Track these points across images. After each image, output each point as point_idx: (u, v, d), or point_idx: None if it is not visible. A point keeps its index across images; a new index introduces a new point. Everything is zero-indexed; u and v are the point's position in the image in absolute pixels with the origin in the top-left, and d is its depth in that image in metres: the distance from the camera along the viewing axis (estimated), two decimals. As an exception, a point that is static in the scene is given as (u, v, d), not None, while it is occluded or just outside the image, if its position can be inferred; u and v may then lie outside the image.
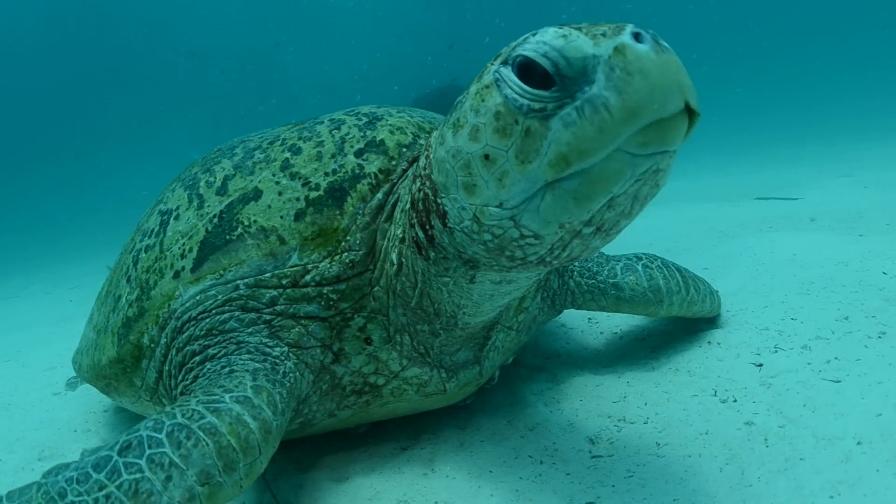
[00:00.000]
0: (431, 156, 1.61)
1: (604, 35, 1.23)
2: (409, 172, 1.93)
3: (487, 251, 1.55)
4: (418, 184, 1.74)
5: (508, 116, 1.32)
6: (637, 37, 1.21)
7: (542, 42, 1.27)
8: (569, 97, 1.25)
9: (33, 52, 28.41)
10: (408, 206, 1.82)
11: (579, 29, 1.26)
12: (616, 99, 1.19)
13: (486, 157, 1.38)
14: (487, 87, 1.38)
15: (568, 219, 1.36)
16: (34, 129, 27.62)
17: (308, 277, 1.92)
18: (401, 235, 1.85)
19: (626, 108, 1.18)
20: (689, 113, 1.22)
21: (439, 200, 1.60)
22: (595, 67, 1.22)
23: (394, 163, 2.03)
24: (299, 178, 2.03)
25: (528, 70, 1.29)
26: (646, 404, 2.32)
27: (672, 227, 5.34)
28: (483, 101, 1.38)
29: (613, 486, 1.89)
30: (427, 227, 1.71)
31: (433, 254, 1.75)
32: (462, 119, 1.44)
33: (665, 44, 1.23)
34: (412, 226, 1.79)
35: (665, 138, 1.22)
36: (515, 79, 1.31)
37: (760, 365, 2.41)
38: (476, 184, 1.43)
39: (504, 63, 1.35)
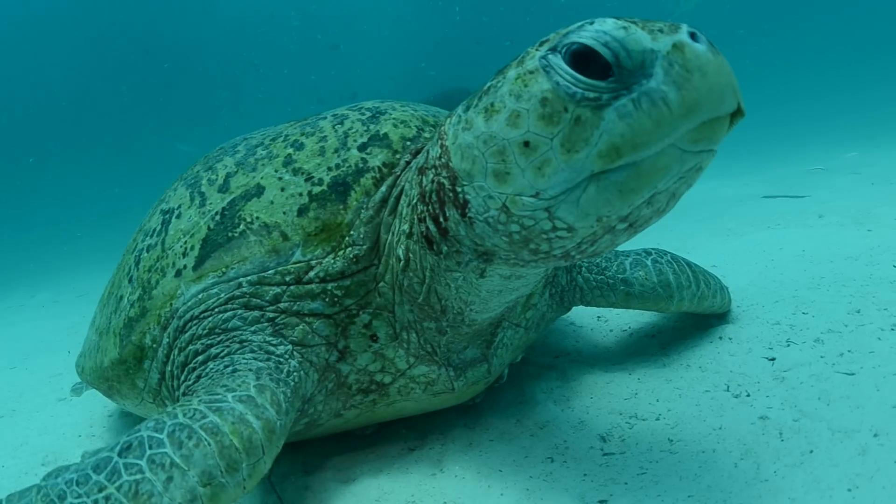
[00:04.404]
0: (448, 143, 1.57)
1: (661, 31, 1.26)
2: (413, 165, 1.90)
3: (510, 243, 1.53)
4: (430, 175, 1.70)
5: (557, 103, 1.31)
6: (693, 36, 1.25)
7: (603, 31, 1.27)
8: (625, 89, 1.26)
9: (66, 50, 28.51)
10: (415, 200, 1.79)
11: (635, 23, 1.28)
12: (675, 94, 1.22)
13: (527, 143, 1.36)
14: (532, 72, 1.36)
15: (608, 212, 1.35)
16: (43, 138, 27.73)
17: (312, 274, 1.89)
18: (407, 231, 1.82)
19: (685, 104, 1.22)
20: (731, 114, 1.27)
21: (458, 189, 1.56)
22: (653, 62, 1.24)
23: (398, 156, 2.00)
24: (302, 174, 2.00)
25: (581, 58, 1.29)
26: (657, 401, 2.29)
27: (679, 226, 5.30)
28: (526, 86, 1.36)
29: (626, 483, 1.86)
30: (441, 219, 1.67)
31: (445, 247, 1.72)
32: (498, 104, 1.41)
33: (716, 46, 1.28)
34: (421, 220, 1.75)
35: (714, 136, 1.27)
36: (567, 67, 1.31)
37: (773, 359, 2.38)
38: (510, 171, 1.40)
39: (553, 50, 1.34)
